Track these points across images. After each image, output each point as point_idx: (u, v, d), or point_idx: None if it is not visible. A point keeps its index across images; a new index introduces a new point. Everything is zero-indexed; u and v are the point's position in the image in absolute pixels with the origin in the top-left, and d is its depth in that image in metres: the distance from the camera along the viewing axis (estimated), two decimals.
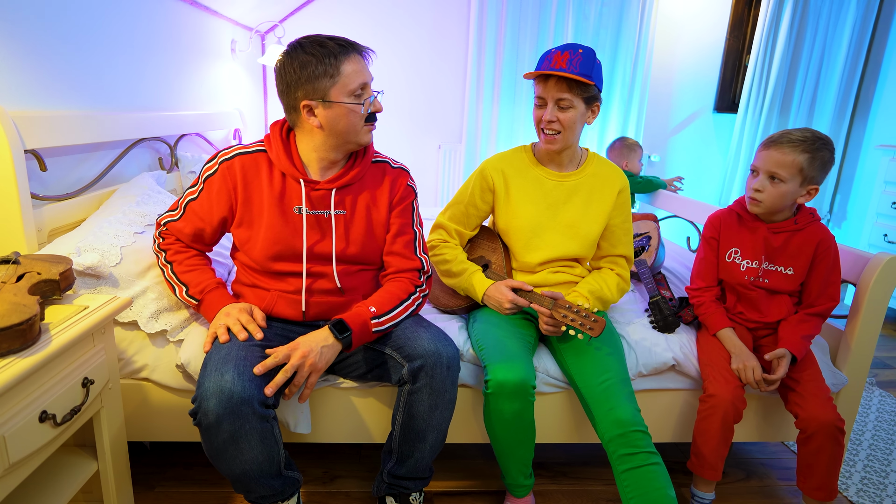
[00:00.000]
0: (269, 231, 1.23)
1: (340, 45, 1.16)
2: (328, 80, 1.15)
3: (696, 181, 3.86)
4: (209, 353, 1.15)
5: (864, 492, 1.61)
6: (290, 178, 1.25)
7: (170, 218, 1.31)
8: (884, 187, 3.05)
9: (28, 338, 0.89)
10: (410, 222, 1.35)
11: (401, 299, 1.27)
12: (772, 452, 1.80)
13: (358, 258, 1.30)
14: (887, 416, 2.02)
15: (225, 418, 1.03)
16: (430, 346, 1.21)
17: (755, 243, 1.46)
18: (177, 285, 1.29)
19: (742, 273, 1.47)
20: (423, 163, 3.65)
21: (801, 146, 1.34)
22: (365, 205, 1.30)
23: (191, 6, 2.30)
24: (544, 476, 1.63)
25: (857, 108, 3.75)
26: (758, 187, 1.40)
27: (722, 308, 1.50)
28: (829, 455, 1.31)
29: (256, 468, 1.11)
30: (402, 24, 3.39)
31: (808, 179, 1.36)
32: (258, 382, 1.09)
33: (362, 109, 1.19)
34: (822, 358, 1.52)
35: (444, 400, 1.23)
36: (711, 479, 1.38)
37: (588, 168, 1.49)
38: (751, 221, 1.48)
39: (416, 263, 1.34)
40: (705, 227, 1.57)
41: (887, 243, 3.00)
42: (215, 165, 1.25)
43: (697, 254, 1.58)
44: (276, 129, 1.27)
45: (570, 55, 1.33)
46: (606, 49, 3.46)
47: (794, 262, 1.44)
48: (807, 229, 1.43)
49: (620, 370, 1.32)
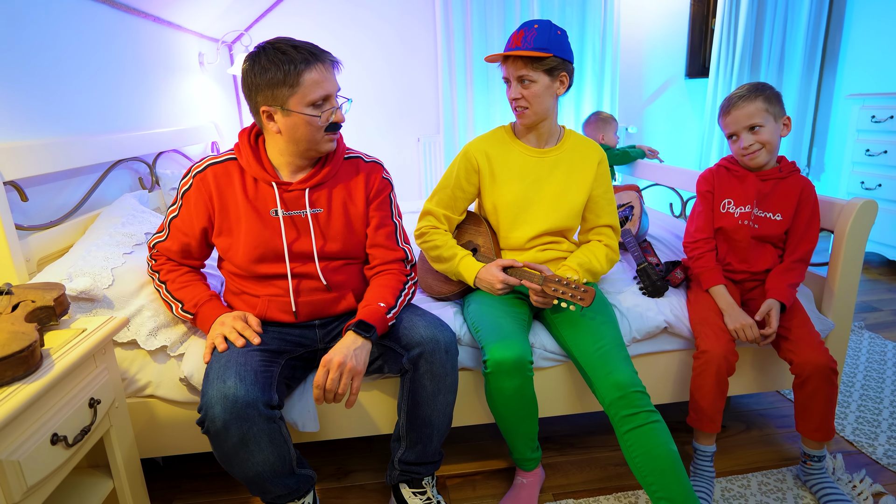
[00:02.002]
0: (248, 235, 1.25)
1: (304, 54, 1.14)
2: (287, 89, 1.14)
3: (674, 147, 3.91)
4: (209, 363, 1.17)
5: (860, 430, 1.67)
6: (262, 182, 1.26)
7: (158, 239, 1.33)
8: (857, 136, 3.11)
9: (31, 364, 0.90)
10: (389, 214, 1.37)
11: (399, 290, 1.31)
12: (769, 403, 1.86)
13: (340, 253, 1.32)
14: (877, 357, 2.08)
15: (232, 423, 1.06)
16: (426, 332, 1.24)
17: (746, 191, 1.53)
18: (172, 303, 1.30)
19: (736, 219, 1.53)
20: (404, 156, 3.66)
21: (751, 95, 1.46)
22: (341, 201, 1.31)
23: (154, 23, 2.29)
24: (551, 449, 1.67)
25: (825, 60, 3.80)
26: (746, 143, 1.48)
27: (719, 265, 1.54)
28: (824, 396, 1.35)
29: (269, 469, 1.13)
30: (368, 22, 3.38)
31: (777, 114, 1.47)
32: (261, 385, 1.11)
33: (320, 121, 1.19)
34: (808, 306, 1.56)
35: (446, 384, 1.26)
36: (711, 432, 1.43)
37: (566, 143, 1.52)
38: (740, 171, 1.55)
39: (400, 254, 1.36)
40: (699, 183, 1.61)
41: (864, 190, 3.06)
42: (190, 180, 1.27)
43: (694, 209, 1.62)
44: (244, 137, 1.28)
45: (525, 32, 1.37)
46: (574, 26, 3.48)
47: (782, 208, 1.50)
48: (790, 178, 1.51)
49: (615, 336, 1.35)
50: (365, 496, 1.50)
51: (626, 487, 1.49)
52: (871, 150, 3.01)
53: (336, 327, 1.37)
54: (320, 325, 1.35)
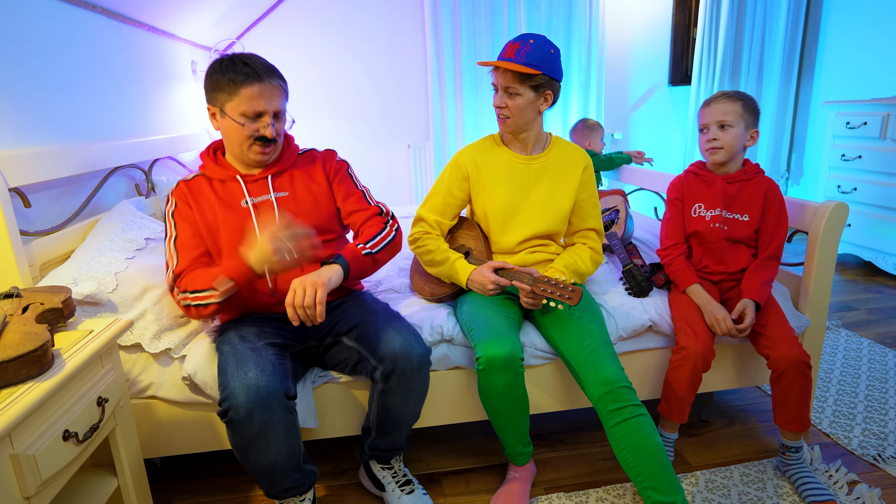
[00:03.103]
0: (226, 227, 1.34)
1: (250, 70, 1.26)
2: (226, 95, 1.27)
3: (658, 153, 4.00)
4: (223, 358, 1.23)
5: (837, 423, 1.74)
6: (228, 181, 1.37)
7: (172, 268, 1.32)
8: (833, 141, 3.22)
9: (44, 363, 0.94)
10: (353, 185, 1.49)
11: (378, 230, 1.41)
12: (751, 399, 1.93)
13: (315, 227, 1.36)
14: (853, 354, 2.17)
15: (255, 411, 1.11)
16: (400, 349, 1.28)
17: (714, 194, 1.61)
18: (202, 297, 1.26)
19: (708, 223, 1.61)
20: (395, 163, 3.72)
21: (734, 97, 1.55)
22: (304, 182, 1.43)
23: (149, 32, 2.32)
24: (542, 445, 1.72)
25: (803, 68, 3.93)
26: (712, 137, 1.56)
27: (691, 266, 1.62)
28: (799, 389, 1.42)
29: (282, 460, 1.18)
30: (359, 30, 3.44)
31: (748, 124, 1.55)
32: (279, 376, 1.18)
33: (246, 130, 1.30)
34: (784, 304, 1.64)
35: (416, 394, 1.33)
36: (679, 422, 1.53)
37: (553, 150, 1.59)
38: (707, 176, 1.63)
39: (374, 209, 1.46)
40: (669, 191, 1.69)
41: (841, 194, 3.17)
42: (171, 199, 1.37)
43: (664, 216, 1.70)
44: (205, 153, 1.41)
45: (520, 45, 1.42)
46: (560, 35, 3.57)
47: (749, 208, 1.58)
48: (755, 179, 1.59)
49: (602, 334, 1.41)
50: (362, 494, 1.54)
51: (614, 481, 1.55)
52: (846, 155, 3.12)
53: (325, 325, 1.41)
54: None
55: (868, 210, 3.04)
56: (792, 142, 4.07)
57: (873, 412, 1.78)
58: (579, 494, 1.49)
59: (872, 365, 2.07)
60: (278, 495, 1.26)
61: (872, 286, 2.94)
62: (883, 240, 2.97)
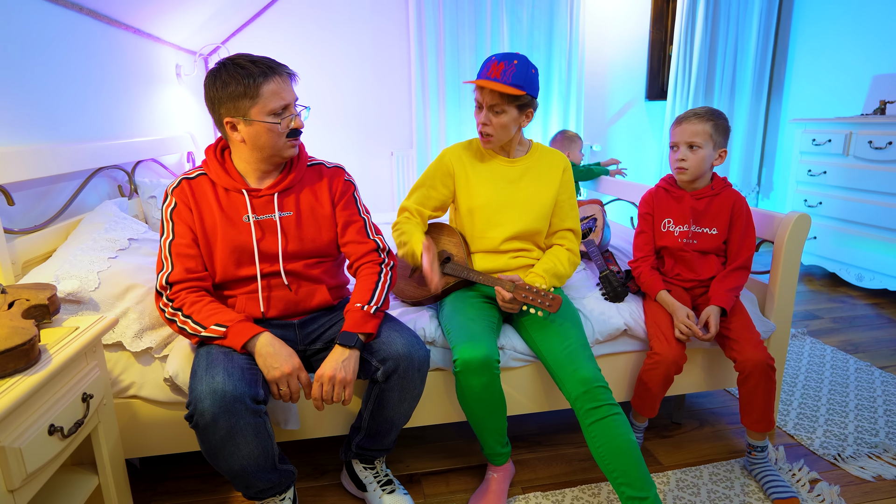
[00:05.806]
0: (223, 241, 1.32)
1: (261, 67, 1.23)
2: (248, 100, 1.23)
3: (634, 165, 4.12)
4: (196, 361, 1.23)
5: (800, 424, 1.82)
6: (232, 191, 1.34)
7: (165, 274, 1.29)
8: (800, 157, 3.36)
9: (31, 357, 0.95)
10: (357, 211, 1.47)
11: (375, 281, 1.39)
12: (720, 402, 2.00)
13: (311, 252, 1.40)
14: (817, 360, 2.26)
15: (220, 416, 1.11)
16: (403, 349, 1.31)
17: (683, 210, 1.68)
18: (200, 329, 1.25)
19: (676, 238, 1.68)
20: (377, 170, 3.75)
21: (705, 117, 1.60)
22: (308, 204, 1.40)
23: (135, 35, 2.33)
24: (521, 447, 1.76)
25: (772, 86, 4.09)
26: (681, 157, 1.63)
27: (658, 275, 1.69)
28: (763, 390, 1.49)
29: (253, 462, 1.19)
30: (343, 38, 3.48)
31: (717, 144, 1.62)
32: (247, 381, 1.17)
33: (280, 127, 1.27)
34: (751, 309, 1.71)
35: (413, 395, 1.36)
36: (649, 417, 1.63)
37: (534, 154, 1.66)
38: (677, 192, 1.70)
39: (372, 245, 1.45)
40: (640, 205, 1.76)
41: (807, 207, 3.30)
42: (172, 198, 1.33)
43: (636, 228, 1.77)
44: (210, 152, 1.36)
45: (505, 66, 1.46)
46: (542, 49, 3.66)
47: (716, 222, 1.65)
48: (722, 193, 1.66)
49: (580, 337, 1.46)
50: (342, 495, 1.56)
51: (590, 480, 1.60)
52: (812, 170, 3.26)
53: (314, 331, 1.43)
54: (299, 326, 1.42)
55: (833, 223, 3.17)
56: (762, 157, 4.23)
57: (834, 415, 1.87)
58: (556, 494, 1.54)
59: (835, 370, 2.17)
60: (256, 496, 1.26)
61: (836, 296, 3.07)
62: (846, 252, 3.11)
